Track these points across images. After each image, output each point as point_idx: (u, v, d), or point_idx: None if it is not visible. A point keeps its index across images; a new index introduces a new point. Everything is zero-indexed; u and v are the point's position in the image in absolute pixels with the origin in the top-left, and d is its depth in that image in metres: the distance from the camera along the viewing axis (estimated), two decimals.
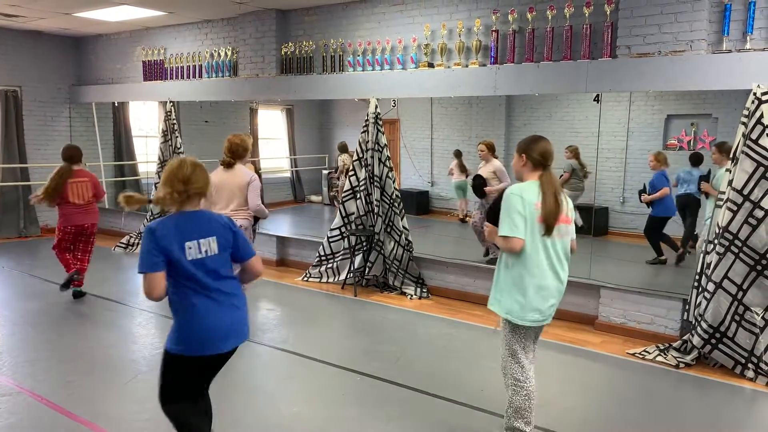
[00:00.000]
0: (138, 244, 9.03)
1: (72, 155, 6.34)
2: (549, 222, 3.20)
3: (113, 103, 10.35)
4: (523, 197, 3.22)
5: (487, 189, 7.06)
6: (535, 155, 3.30)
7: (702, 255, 5.11)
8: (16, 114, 9.79)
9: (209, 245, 2.90)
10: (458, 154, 9.84)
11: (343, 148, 10.85)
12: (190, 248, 2.84)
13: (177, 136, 8.92)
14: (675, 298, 5.45)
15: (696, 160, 7.37)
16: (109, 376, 4.51)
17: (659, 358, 5.03)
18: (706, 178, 6.20)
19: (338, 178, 10.95)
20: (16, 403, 4.02)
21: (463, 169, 9.74)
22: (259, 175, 5.63)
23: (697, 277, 5.11)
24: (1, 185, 9.66)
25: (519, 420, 3.42)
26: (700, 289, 5.02)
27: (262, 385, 4.49)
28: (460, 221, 10.15)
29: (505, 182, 7.00)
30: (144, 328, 5.66)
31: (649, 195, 7.30)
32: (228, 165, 5.26)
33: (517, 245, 3.22)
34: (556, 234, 3.26)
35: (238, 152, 5.27)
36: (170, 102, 8.92)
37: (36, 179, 10.09)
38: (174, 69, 9.06)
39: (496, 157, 7.33)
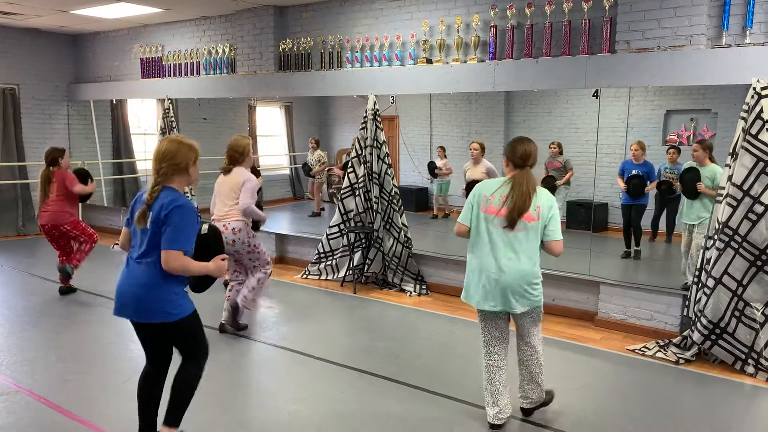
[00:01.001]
0: None
1: (46, 157, 6.37)
2: (512, 215, 3.45)
3: (111, 100, 10.33)
4: (480, 189, 3.62)
5: None
6: (515, 158, 3.55)
7: (702, 251, 5.09)
8: (14, 112, 9.78)
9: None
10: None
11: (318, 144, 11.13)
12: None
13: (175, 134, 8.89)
14: (675, 294, 5.44)
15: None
16: (107, 374, 4.50)
17: (659, 354, 5.02)
18: (697, 178, 6.11)
19: (314, 176, 11.02)
20: (14, 401, 4.01)
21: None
22: (258, 174, 5.57)
23: (696, 272, 5.09)
24: None
25: (486, 399, 3.76)
26: (700, 285, 5.01)
27: (261, 383, 4.48)
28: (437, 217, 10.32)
29: None
30: None
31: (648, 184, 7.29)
32: (226, 171, 5.23)
33: (457, 229, 3.69)
34: (503, 226, 3.51)
35: (234, 157, 5.21)
36: (168, 99, 8.89)
37: (34, 177, 10.06)
38: (172, 66, 9.03)
39: (483, 158, 7.38)
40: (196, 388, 3.31)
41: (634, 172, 7.33)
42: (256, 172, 5.62)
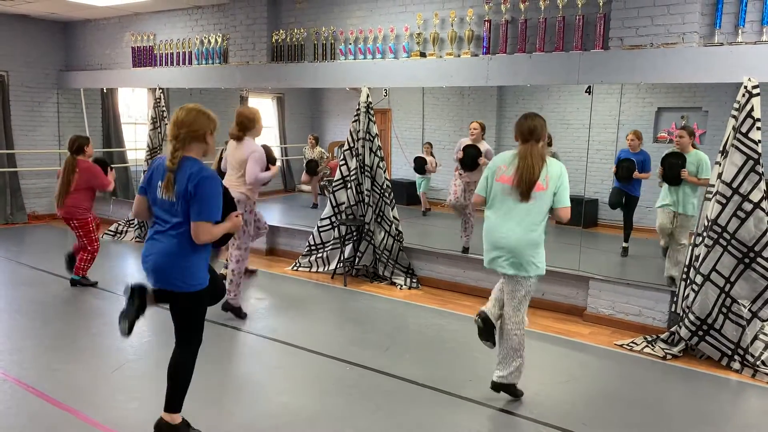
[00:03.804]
0: (126, 231, 8.96)
1: (71, 145, 6.18)
2: (521, 186, 3.72)
3: (102, 89, 10.24)
4: (496, 161, 3.94)
5: (481, 160, 6.96)
6: (523, 132, 3.83)
7: (691, 247, 5.13)
8: (3, 99, 9.67)
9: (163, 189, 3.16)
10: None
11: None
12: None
13: (166, 123, 8.82)
14: (663, 290, 5.48)
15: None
16: (96, 364, 4.48)
17: (647, 350, 5.06)
18: (682, 165, 6.06)
19: (318, 173, 11.02)
20: (2, 391, 3.99)
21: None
22: (268, 150, 5.50)
23: (685, 269, 5.13)
24: None
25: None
26: (688, 282, 5.05)
27: (251, 375, 4.48)
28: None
29: None
30: None
31: (640, 173, 7.23)
32: (237, 139, 5.24)
33: (474, 199, 4.06)
34: (512, 194, 3.77)
35: (244, 124, 5.22)
36: (160, 89, 8.84)
37: (23, 165, 9.99)
38: (163, 55, 8.97)
39: (484, 139, 7.30)
40: (192, 372, 3.35)
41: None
42: (271, 159, 5.52)
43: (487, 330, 3.99)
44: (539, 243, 3.80)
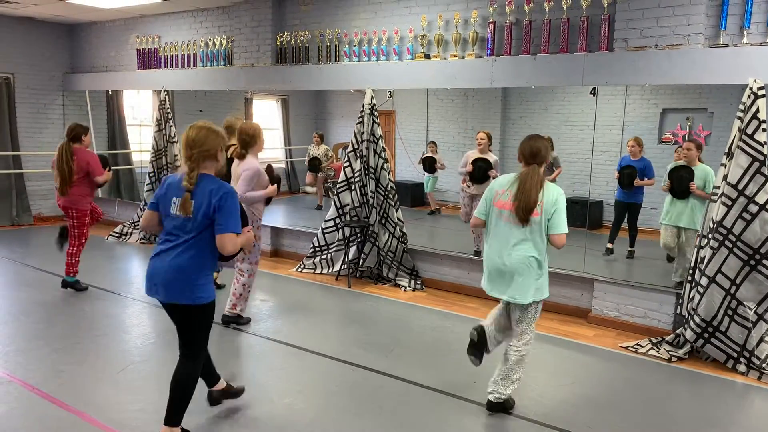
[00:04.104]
0: (132, 233, 8.98)
1: (69, 132, 6.13)
2: (519, 212, 3.65)
3: (107, 91, 10.27)
4: (494, 185, 3.89)
5: (491, 172, 6.94)
6: (525, 156, 3.77)
7: (696, 250, 5.11)
8: (8, 101, 9.72)
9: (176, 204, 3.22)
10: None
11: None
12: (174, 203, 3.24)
13: (171, 125, 8.87)
14: (668, 292, 5.47)
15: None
16: (101, 365, 4.49)
17: (652, 352, 5.05)
18: (691, 179, 6.07)
19: (322, 170, 11.04)
20: (7, 392, 4.00)
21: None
22: (270, 170, 5.39)
23: (690, 271, 5.12)
24: None
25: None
26: (694, 284, 5.03)
27: (255, 376, 4.48)
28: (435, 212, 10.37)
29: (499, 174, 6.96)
30: (137, 318, 5.64)
31: (640, 180, 7.22)
32: (240, 157, 5.14)
33: (472, 222, 4.07)
34: (510, 219, 3.72)
35: (245, 140, 5.08)
36: (164, 91, 8.86)
37: (29, 167, 10.03)
38: (168, 57, 8.99)
39: (491, 150, 7.30)
40: (194, 388, 3.35)
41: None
42: (272, 176, 5.33)
43: (479, 346, 3.95)
44: (541, 267, 3.74)
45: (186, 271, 3.20)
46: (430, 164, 9.80)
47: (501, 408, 3.89)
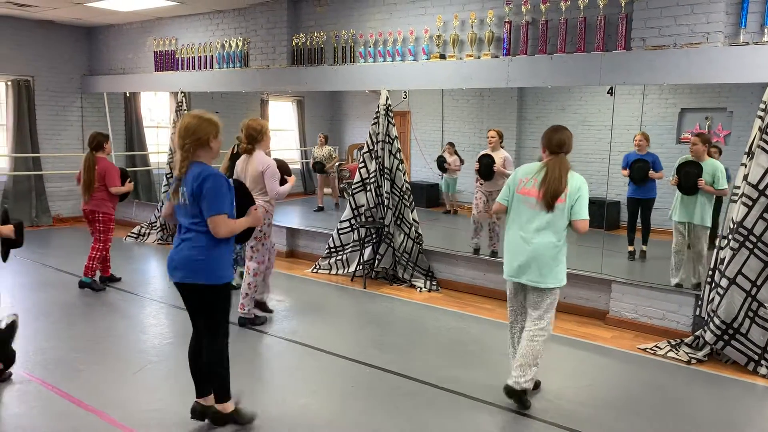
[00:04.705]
0: (149, 234, 9.06)
1: (91, 141, 6.30)
2: (546, 197, 3.78)
3: (125, 93, 10.37)
4: (518, 173, 4.02)
5: (496, 168, 6.94)
6: (551, 146, 3.90)
7: (715, 251, 5.05)
8: (29, 104, 9.85)
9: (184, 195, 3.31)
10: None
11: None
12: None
13: None
14: (687, 294, 5.40)
15: None
16: (119, 365, 4.53)
17: (670, 354, 4.99)
18: (699, 174, 5.96)
19: (327, 172, 11.06)
20: (27, 391, 4.05)
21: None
22: (281, 163, 5.45)
23: (710, 273, 5.05)
24: (13, 174, 9.71)
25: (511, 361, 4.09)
26: (713, 285, 4.97)
27: (271, 376, 4.49)
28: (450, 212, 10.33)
29: (511, 171, 6.95)
30: (154, 318, 5.68)
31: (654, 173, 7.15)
32: (248, 152, 5.19)
33: (494, 208, 4.16)
34: (535, 206, 3.84)
35: (253, 136, 5.13)
36: (181, 92, 8.93)
37: (48, 169, 10.15)
38: (185, 59, 9.06)
39: (503, 147, 7.27)
40: (229, 361, 3.51)
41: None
42: (285, 170, 5.43)
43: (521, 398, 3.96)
44: (561, 254, 3.87)
45: (198, 250, 3.30)
46: (440, 163, 9.81)
47: (517, 397, 3.90)
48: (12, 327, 4.19)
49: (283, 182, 5.27)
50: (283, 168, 5.39)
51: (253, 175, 5.14)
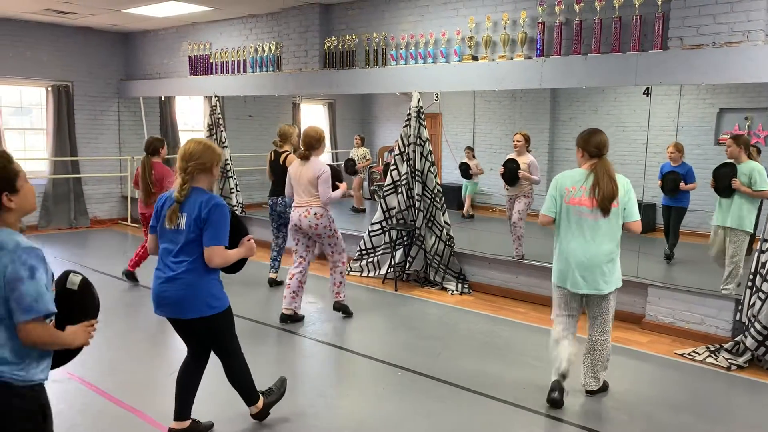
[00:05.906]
0: None
1: (147, 147, 6.52)
2: (604, 203, 3.75)
3: (160, 97, 10.55)
4: (558, 181, 3.93)
5: (520, 173, 6.89)
6: (590, 148, 3.87)
7: (757, 254, 4.92)
8: (68, 108, 10.09)
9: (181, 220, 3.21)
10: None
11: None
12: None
13: (222, 131, 9.05)
14: (727, 298, 5.28)
15: None
16: (156, 365, 4.61)
17: (709, 360, 4.88)
18: (733, 174, 5.80)
19: (357, 172, 11.12)
20: (67, 390, 4.14)
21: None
22: (334, 169, 5.68)
23: (751, 276, 4.92)
24: (53, 177, 9.96)
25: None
26: (755, 290, 4.84)
27: (303, 377, 4.52)
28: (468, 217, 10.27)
29: (536, 176, 6.92)
30: None
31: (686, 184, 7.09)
32: (304, 158, 5.37)
33: (541, 220, 4.01)
34: (589, 214, 3.80)
35: (311, 144, 5.35)
36: (215, 96, 9.05)
37: (86, 172, 10.38)
38: (219, 64, 9.18)
39: (530, 151, 7.21)
40: (249, 370, 3.53)
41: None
42: (337, 176, 5.60)
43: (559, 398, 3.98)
44: (618, 257, 3.92)
45: (194, 285, 3.20)
46: (464, 170, 9.76)
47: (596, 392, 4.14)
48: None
49: (334, 188, 5.42)
50: (335, 174, 5.56)
51: (310, 180, 5.31)
